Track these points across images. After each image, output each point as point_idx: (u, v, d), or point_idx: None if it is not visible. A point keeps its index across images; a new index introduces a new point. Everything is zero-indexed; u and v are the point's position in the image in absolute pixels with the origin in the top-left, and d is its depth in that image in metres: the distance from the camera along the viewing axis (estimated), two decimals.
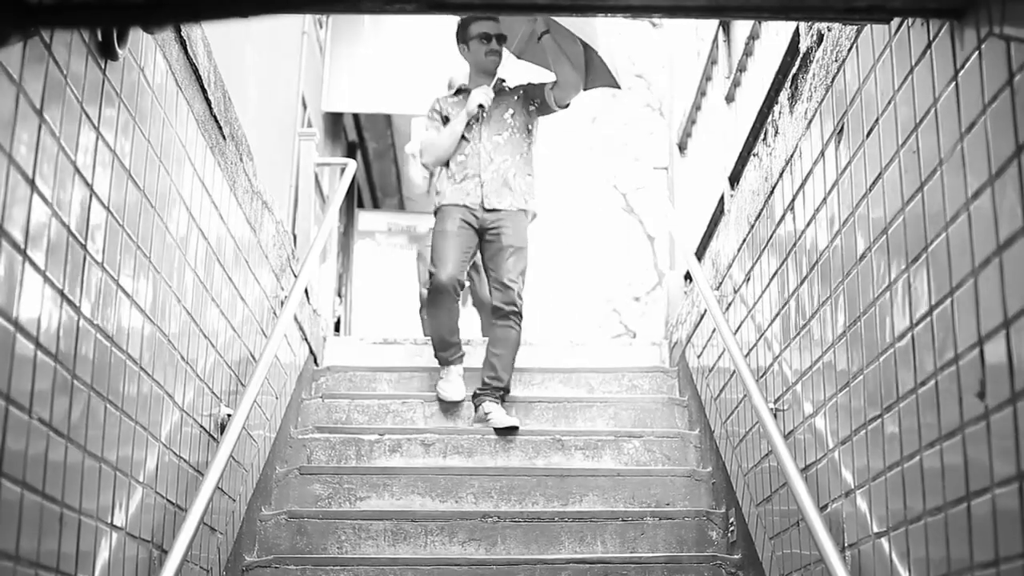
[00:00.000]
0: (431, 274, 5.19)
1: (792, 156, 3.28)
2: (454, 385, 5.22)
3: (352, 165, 6.47)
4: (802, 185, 3.15)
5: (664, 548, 4.21)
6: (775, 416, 3.35)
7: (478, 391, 5.07)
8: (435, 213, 5.35)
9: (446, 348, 5.26)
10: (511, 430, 4.81)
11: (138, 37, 2.51)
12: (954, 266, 2.04)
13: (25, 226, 1.89)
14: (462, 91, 5.44)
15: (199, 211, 3.14)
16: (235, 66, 4.61)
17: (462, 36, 5.27)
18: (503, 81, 5.40)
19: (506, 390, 5.08)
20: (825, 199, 2.92)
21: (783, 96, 3.48)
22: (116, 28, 2.29)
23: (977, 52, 1.93)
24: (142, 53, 2.56)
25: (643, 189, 18.00)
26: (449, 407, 5.23)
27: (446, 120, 5.34)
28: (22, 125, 1.86)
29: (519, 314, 5.14)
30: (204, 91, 3.20)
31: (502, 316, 5.12)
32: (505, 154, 5.24)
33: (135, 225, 2.54)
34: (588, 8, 2.04)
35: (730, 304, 4.18)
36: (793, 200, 3.26)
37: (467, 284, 6.25)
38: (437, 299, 5.17)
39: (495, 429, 4.82)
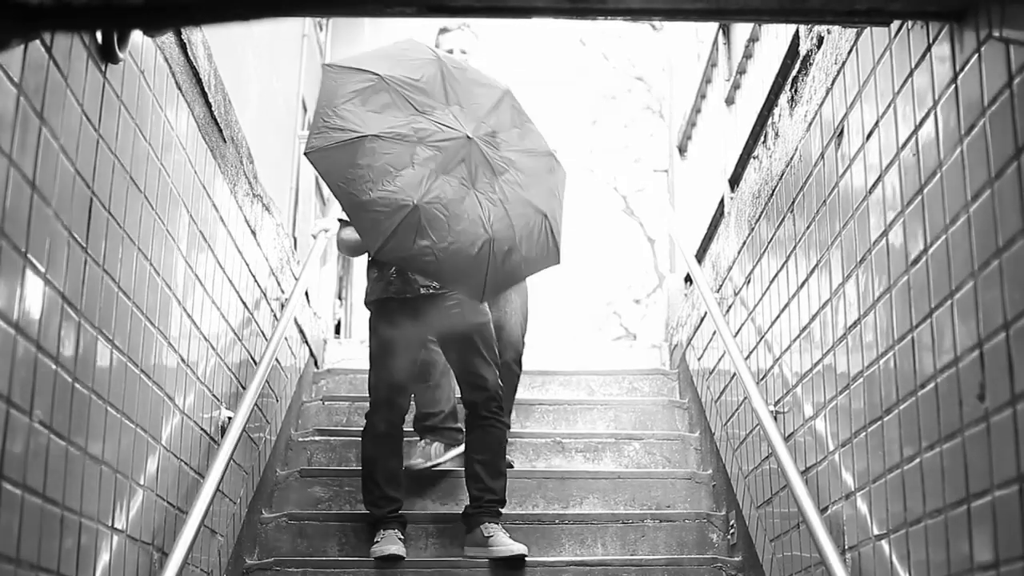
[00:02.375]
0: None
1: (792, 158, 3.28)
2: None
3: None
4: (802, 187, 3.15)
5: (665, 550, 4.21)
6: (775, 418, 3.35)
7: (470, 510, 4.06)
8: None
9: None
10: (518, 561, 3.90)
11: (139, 40, 2.51)
12: (954, 268, 2.04)
13: (26, 229, 1.89)
14: None
15: (199, 213, 3.14)
16: (235, 69, 4.62)
17: (436, 44, 4.72)
18: None
19: (502, 502, 4.08)
20: (825, 201, 2.92)
21: (783, 98, 3.49)
22: (117, 31, 2.29)
23: (977, 54, 1.93)
24: (143, 56, 2.56)
25: (643, 191, 18.01)
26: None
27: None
28: (23, 128, 1.87)
29: (500, 407, 4.16)
30: (205, 94, 3.20)
31: (479, 415, 4.12)
32: None
33: (135, 226, 2.54)
34: (588, 11, 2.04)
35: (730, 306, 4.18)
36: (793, 202, 3.26)
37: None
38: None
39: (498, 559, 3.90)
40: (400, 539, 4.01)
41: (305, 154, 3.43)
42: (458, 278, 3.59)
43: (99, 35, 2.25)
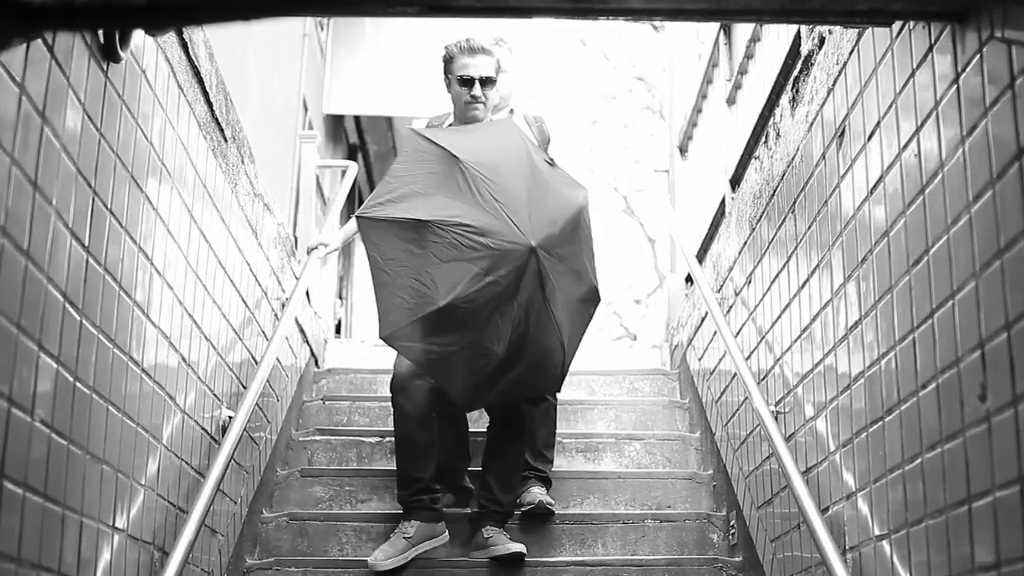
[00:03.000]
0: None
1: (793, 159, 3.28)
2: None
3: (353, 167, 6.47)
4: (803, 188, 3.15)
5: (665, 551, 4.21)
6: (776, 418, 3.35)
7: (474, 515, 4.09)
8: None
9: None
10: (516, 560, 3.90)
11: (140, 40, 2.51)
12: (955, 269, 2.04)
13: (28, 228, 1.89)
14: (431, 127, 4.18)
15: (201, 213, 3.14)
16: (237, 68, 4.62)
17: (446, 69, 4.09)
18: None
19: (508, 515, 4.05)
20: (826, 202, 2.92)
21: (784, 99, 3.49)
22: (118, 31, 2.29)
23: (978, 55, 1.93)
24: (144, 56, 2.56)
25: (644, 191, 18.01)
26: None
27: None
28: (25, 127, 1.87)
29: (522, 424, 4.09)
30: (206, 93, 3.20)
31: (496, 426, 4.09)
32: None
33: (136, 226, 2.54)
34: (589, 11, 2.04)
35: (731, 307, 4.18)
36: (794, 203, 3.26)
37: None
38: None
39: (496, 558, 3.89)
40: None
41: (356, 216, 3.37)
42: (449, 380, 3.51)
43: (101, 35, 2.25)
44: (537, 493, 4.20)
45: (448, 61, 4.04)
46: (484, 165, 3.31)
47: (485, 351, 3.29)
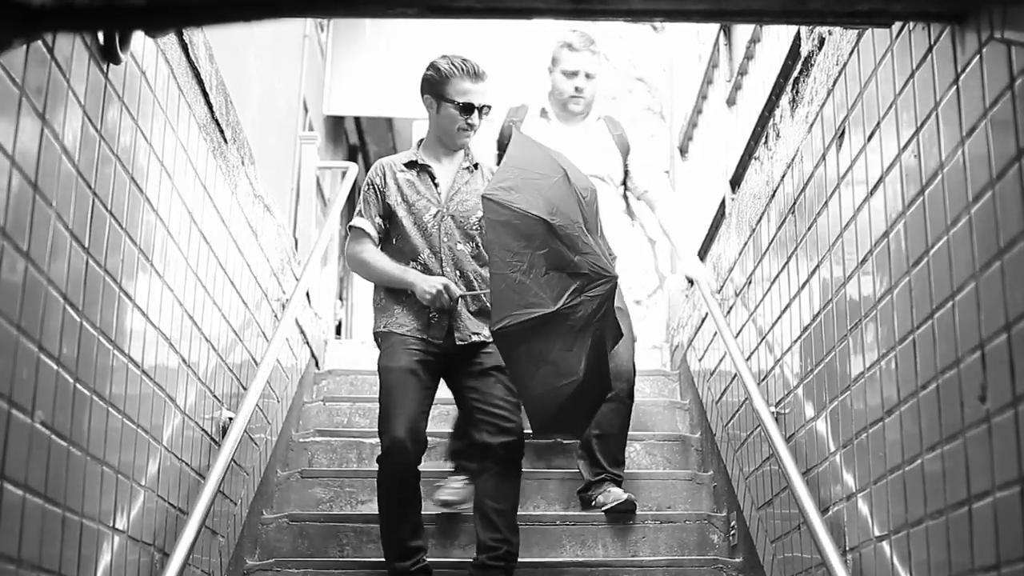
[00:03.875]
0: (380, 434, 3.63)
1: (793, 159, 3.28)
2: None
3: (353, 169, 6.48)
4: (803, 188, 3.15)
5: (665, 551, 4.21)
6: (777, 419, 3.35)
7: (486, 560, 3.55)
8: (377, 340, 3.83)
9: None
10: None
11: (140, 41, 2.52)
12: (955, 269, 2.04)
13: (28, 230, 1.89)
14: (416, 165, 3.77)
15: (201, 214, 3.14)
16: (237, 69, 4.62)
17: (436, 90, 3.70)
18: (473, 166, 3.84)
19: (516, 556, 3.61)
20: (827, 203, 2.92)
21: (784, 100, 3.49)
22: (118, 32, 2.29)
23: (978, 56, 1.93)
24: (144, 57, 2.56)
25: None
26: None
27: (382, 197, 3.72)
28: (24, 128, 1.87)
29: (522, 454, 3.68)
30: (206, 94, 3.20)
31: (498, 460, 3.60)
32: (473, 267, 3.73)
33: (136, 228, 2.54)
34: (589, 12, 2.04)
35: (731, 307, 4.18)
36: (794, 203, 3.26)
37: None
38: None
39: None
40: None
41: (484, 196, 3.31)
42: (531, 400, 3.37)
43: (101, 36, 2.25)
44: (620, 492, 4.20)
45: (442, 81, 3.67)
46: (563, 217, 3.30)
47: (570, 369, 3.28)
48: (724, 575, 3.94)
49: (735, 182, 4.52)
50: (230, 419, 3.44)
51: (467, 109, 3.65)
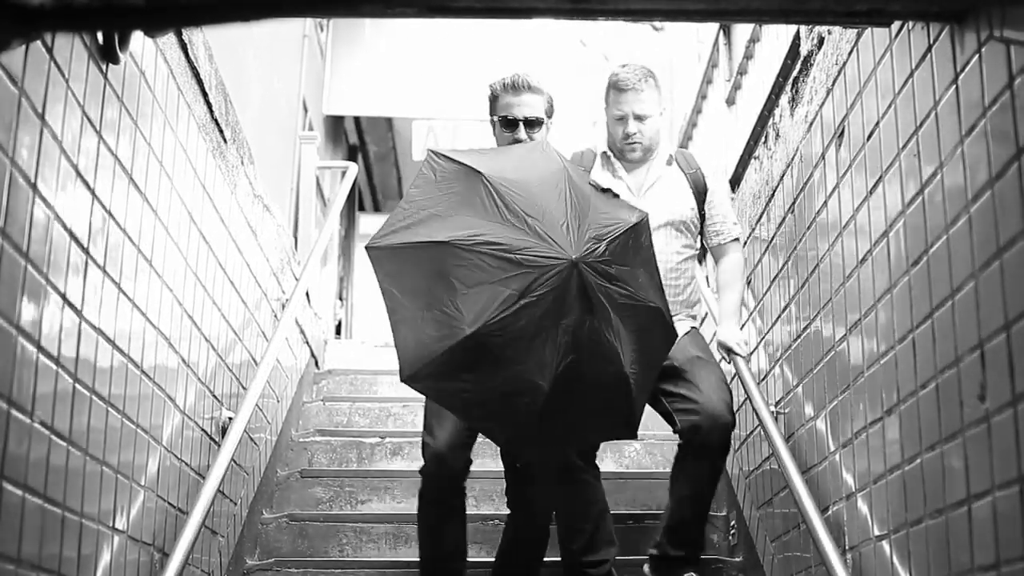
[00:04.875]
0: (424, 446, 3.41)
1: (793, 159, 3.28)
2: None
3: (353, 168, 6.47)
4: (803, 188, 3.15)
5: None
6: (776, 419, 3.35)
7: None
8: None
9: None
10: None
11: (139, 41, 2.51)
12: (955, 269, 2.04)
13: (27, 229, 1.89)
14: None
15: (200, 214, 3.14)
16: (236, 69, 4.61)
17: (491, 111, 3.51)
18: None
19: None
20: (826, 202, 2.92)
21: (784, 99, 3.49)
22: (118, 32, 2.29)
23: (977, 55, 1.93)
24: (143, 57, 2.56)
25: None
26: None
27: None
28: (24, 129, 1.87)
29: (594, 463, 3.47)
30: (205, 94, 3.20)
31: (568, 473, 3.43)
32: None
33: (136, 228, 2.54)
34: (589, 11, 2.04)
35: None
36: (794, 203, 3.26)
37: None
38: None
39: None
40: None
41: (366, 248, 2.90)
42: (490, 424, 3.00)
43: (100, 36, 2.25)
44: None
45: (492, 100, 3.46)
46: (511, 180, 2.88)
47: (528, 385, 2.77)
48: (724, 574, 3.94)
49: (735, 181, 4.52)
50: (230, 419, 3.44)
51: (510, 124, 3.38)
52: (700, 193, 3.60)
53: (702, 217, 3.62)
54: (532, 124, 3.37)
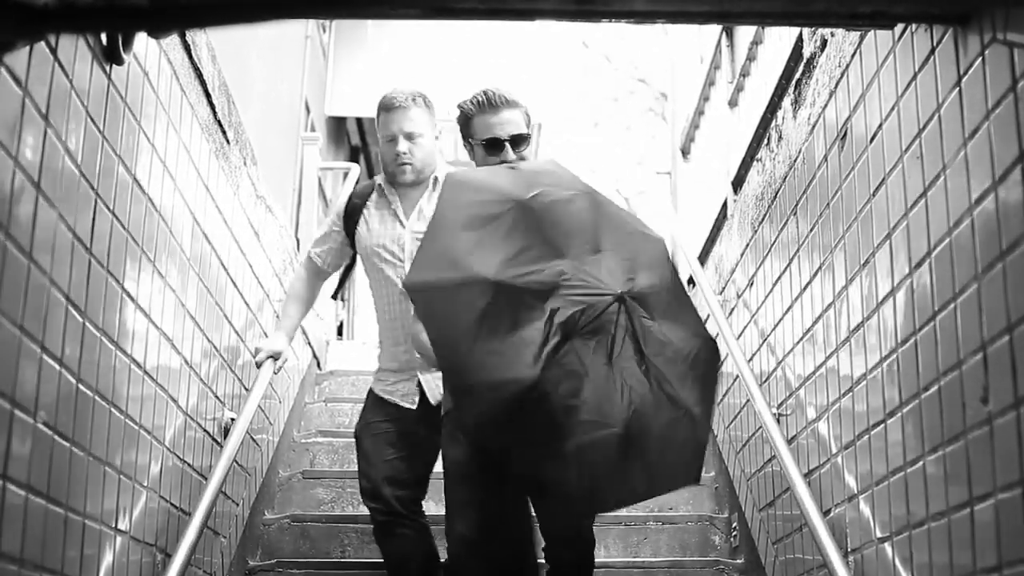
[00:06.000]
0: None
1: (795, 161, 3.28)
2: None
3: (355, 170, 6.48)
4: (805, 190, 3.15)
5: (667, 553, 4.21)
6: (778, 421, 3.35)
7: None
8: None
9: None
10: None
11: (143, 42, 2.52)
12: (957, 271, 2.04)
13: (31, 231, 1.89)
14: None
15: (203, 215, 3.14)
16: (239, 70, 4.62)
17: (464, 133, 3.10)
18: None
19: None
20: (828, 204, 2.92)
21: (787, 101, 3.49)
22: (121, 33, 2.29)
23: (981, 58, 1.93)
24: (147, 58, 2.57)
25: (646, 193, 18.01)
26: None
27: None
28: (28, 129, 1.87)
29: (591, 542, 3.23)
30: (208, 95, 3.20)
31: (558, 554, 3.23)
32: None
33: (139, 229, 2.54)
34: (592, 13, 2.04)
35: (733, 309, 4.18)
36: (796, 205, 3.26)
37: None
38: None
39: None
40: None
41: (405, 286, 2.64)
42: (558, 480, 2.64)
43: (104, 37, 2.26)
44: None
45: (465, 123, 3.08)
46: (544, 206, 2.64)
47: (599, 429, 2.51)
48: None
49: (737, 183, 4.52)
50: (232, 420, 3.44)
51: (494, 145, 3.01)
52: None
53: None
54: (518, 141, 3.02)
